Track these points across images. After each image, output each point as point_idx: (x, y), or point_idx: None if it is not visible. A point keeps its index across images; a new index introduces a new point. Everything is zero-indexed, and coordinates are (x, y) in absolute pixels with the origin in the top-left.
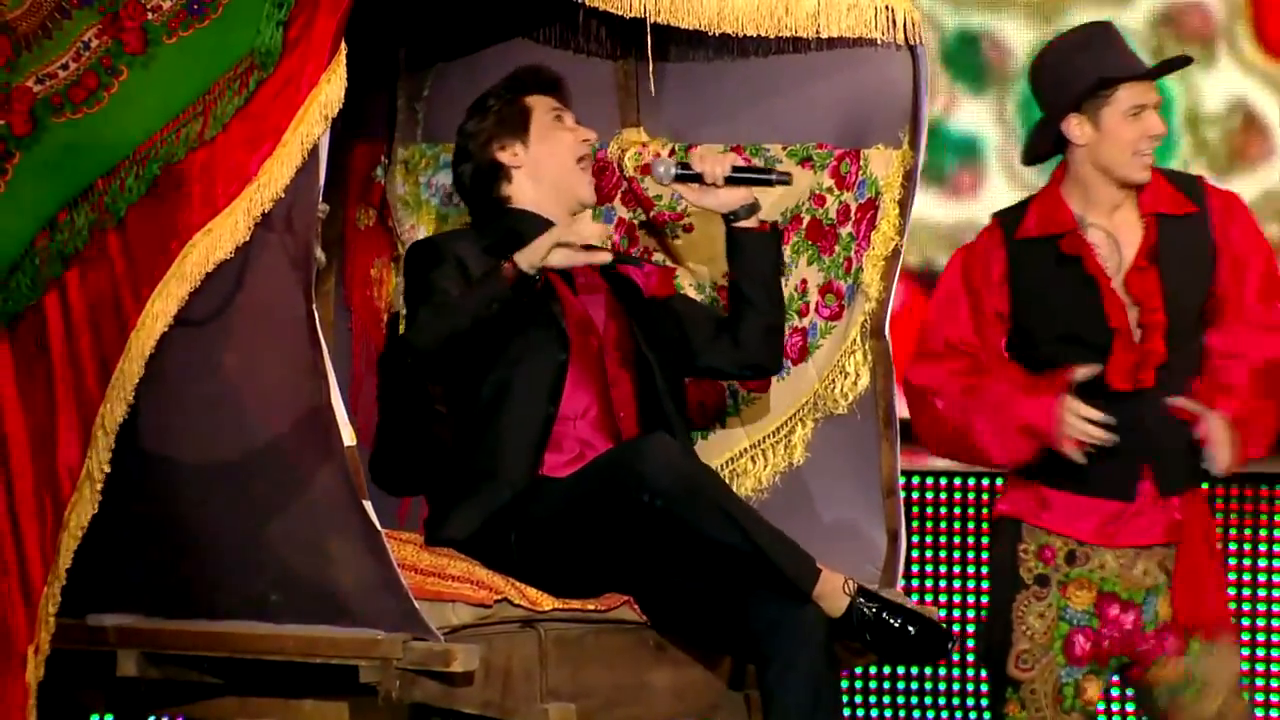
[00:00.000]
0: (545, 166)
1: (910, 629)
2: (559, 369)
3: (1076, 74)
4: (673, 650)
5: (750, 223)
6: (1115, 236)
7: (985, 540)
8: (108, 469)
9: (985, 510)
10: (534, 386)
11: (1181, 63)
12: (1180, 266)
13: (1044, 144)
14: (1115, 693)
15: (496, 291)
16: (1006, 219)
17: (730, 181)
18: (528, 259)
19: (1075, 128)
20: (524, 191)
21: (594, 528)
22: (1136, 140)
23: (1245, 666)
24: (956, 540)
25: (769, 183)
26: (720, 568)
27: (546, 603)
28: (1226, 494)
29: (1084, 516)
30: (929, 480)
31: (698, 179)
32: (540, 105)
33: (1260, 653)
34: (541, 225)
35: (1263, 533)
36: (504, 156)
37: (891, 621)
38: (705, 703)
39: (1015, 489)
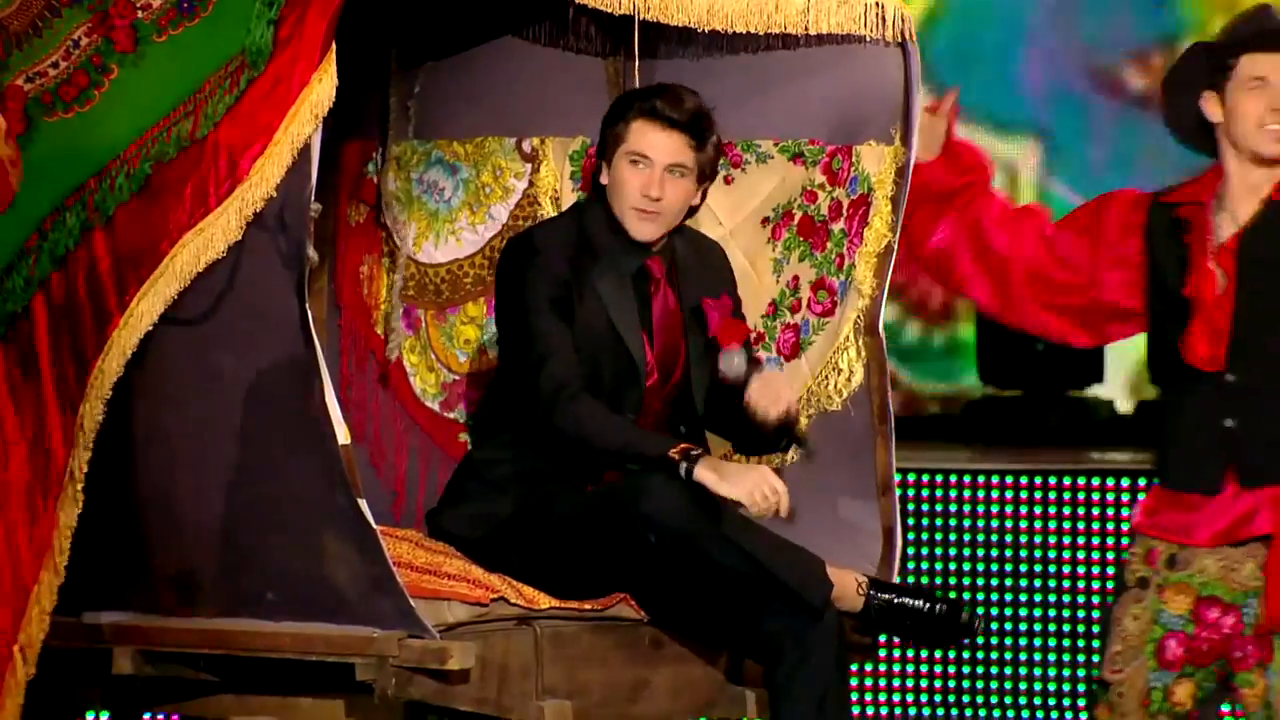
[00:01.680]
0: (612, 197)
1: (935, 608)
2: None
3: (1206, 50)
4: (670, 647)
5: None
6: (1238, 217)
7: (979, 539)
8: (87, 468)
9: (979, 508)
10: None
11: None
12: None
13: (1188, 128)
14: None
15: (648, 460)
16: (1162, 189)
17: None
18: (702, 477)
19: (1210, 105)
20: (611, 206)
21: (598, 556)
22: (1260, 113)
23: None
24: (953, 538)
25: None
26: (731, 590)
27: (543, 601)
28: None
29: (1184, 515)
30: (924, 477)
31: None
32: (631, 141)
33: None
34: (625, 247)
35: None
36: (602, 167)
37: (914, 604)
38: (703, 699)
39: (1142, 500)
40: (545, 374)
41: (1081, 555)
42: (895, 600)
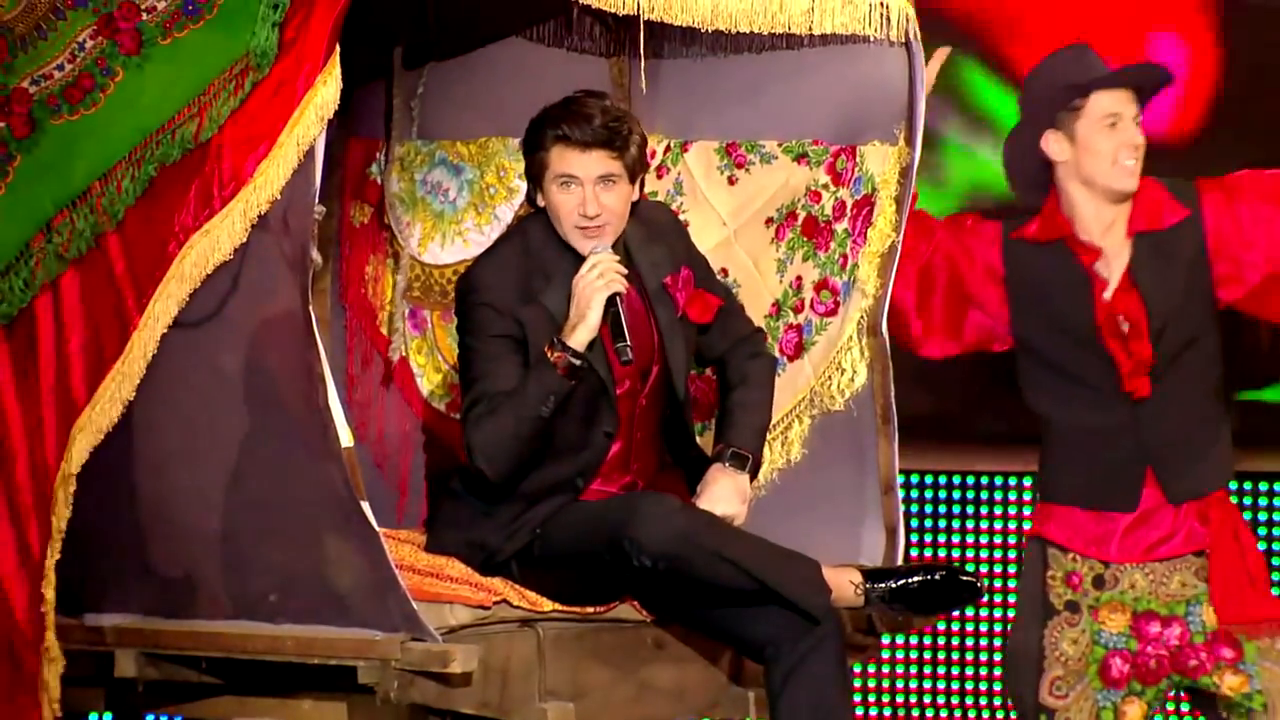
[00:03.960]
0: (554, 221)
1: (934, 576)
2: (602, 449)
3: (1049, 89)
4: (672, 648)
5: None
6: (1107, 256)
7: (983, 539)
8: (74, 472)
9: (983, 509)
10: (571, 463)
11: (1152, 71)
12: (1167, 279)
13: (1029, 169)
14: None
15: (552, 386)
16: (1008, 221)
17: None
18: (578, 338)
19: (1053, 145)
20: (554, 226)
21: (595, 578)
22: (1115, 150)
23: None
24: (956, 539)
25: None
26: (729, 600)
27: (546, 604)
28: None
29: (1097, 531)
30: (928, 479)
31: None
32: (555, 166)
33: None
34: (574, 261)
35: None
36: (535, 192)
37: (913, 581)
38: (705, 700)
39: (1040, 513)
40: (469, 420)
41: None
42: (894, 585)
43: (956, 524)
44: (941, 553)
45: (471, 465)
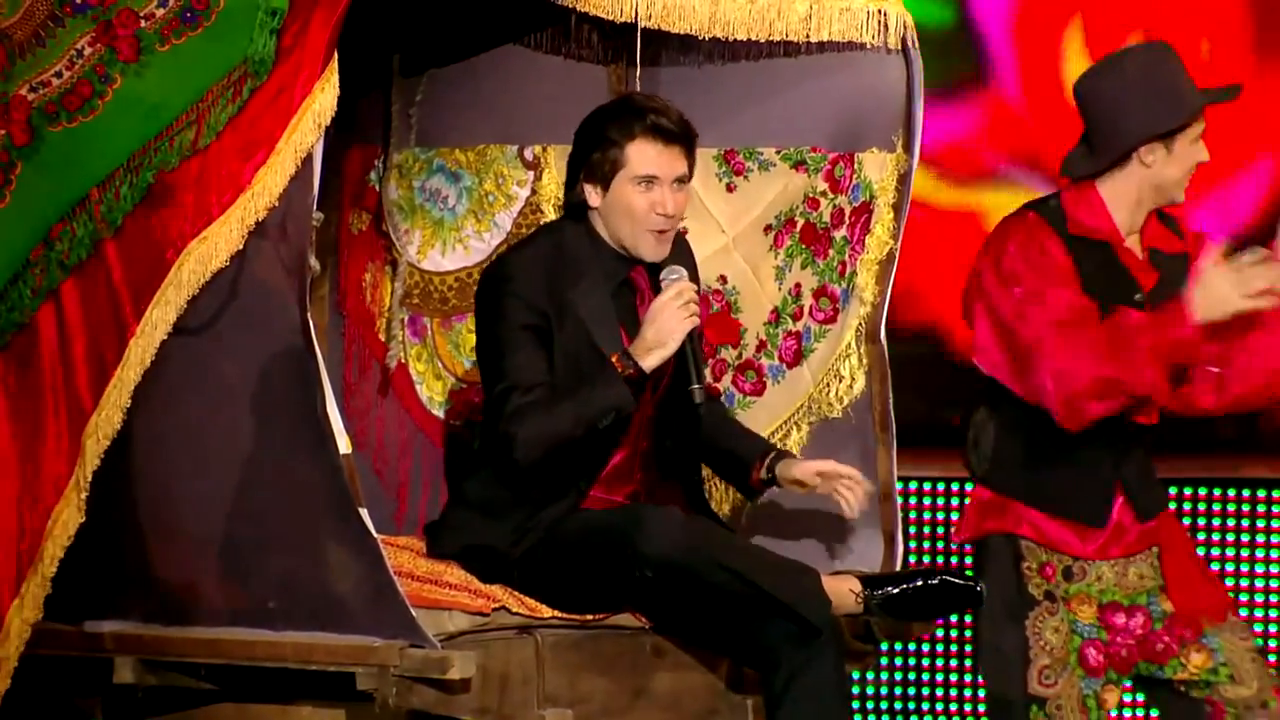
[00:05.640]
0: (614, 220)
1: (929, 582)
2: (607, 454)
3: (1174, 100)
4: (671, 655)
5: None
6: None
7: None
8: (89, 477)
9: None
10: (578, 467)
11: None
12: (1163, 299)
13: (1105, 164)
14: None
15: (618, 401)
16: (1046, 212)
17: None
18: (651, 362)
19: (1147, 151)
20: (599, 225)
21: (598, 587)
22: (1192, 165)
23: None
24: (954, 546)
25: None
26: (730, 609)
27: (545, 610)
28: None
29: (1061, 530)
30: (925, 485)
31: None
32: (635, 163)
33: None
34: (608, 264)
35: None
36: (586, 190)
37: (911, 586)
38: (703, 707)
39: (999, 507)
40: (506, 410)
41: None
42: (893, 591)
43: (955, 529)
44: (940, 559)
45: (504, 454)
